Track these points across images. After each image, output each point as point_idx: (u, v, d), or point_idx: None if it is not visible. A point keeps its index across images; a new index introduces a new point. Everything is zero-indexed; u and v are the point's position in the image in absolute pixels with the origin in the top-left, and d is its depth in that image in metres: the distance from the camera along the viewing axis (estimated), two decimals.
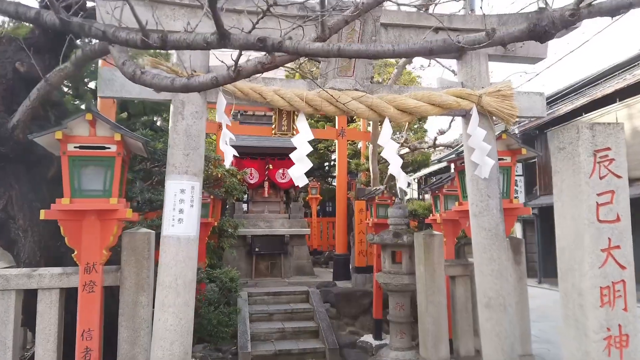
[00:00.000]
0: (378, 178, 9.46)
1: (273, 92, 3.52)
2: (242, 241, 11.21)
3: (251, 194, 12.43)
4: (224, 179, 8.27)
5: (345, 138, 10.19)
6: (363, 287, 8.87)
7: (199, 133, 3.47)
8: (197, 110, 3.47)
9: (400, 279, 6.66)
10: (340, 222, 10.26)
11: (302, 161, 3.48)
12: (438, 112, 3.78)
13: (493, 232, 3.83)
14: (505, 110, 3.80)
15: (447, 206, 5.91)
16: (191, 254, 3.36)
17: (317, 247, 15.91)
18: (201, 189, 3.52)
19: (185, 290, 3.30)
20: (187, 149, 3.41)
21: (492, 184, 3.89)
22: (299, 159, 3.47)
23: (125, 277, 3.89)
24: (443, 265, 5.00)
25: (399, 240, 6.66)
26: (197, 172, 3.44)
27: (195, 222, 3.40)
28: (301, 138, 3.53)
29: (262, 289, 9.30)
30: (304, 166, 3.46)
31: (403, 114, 3.72)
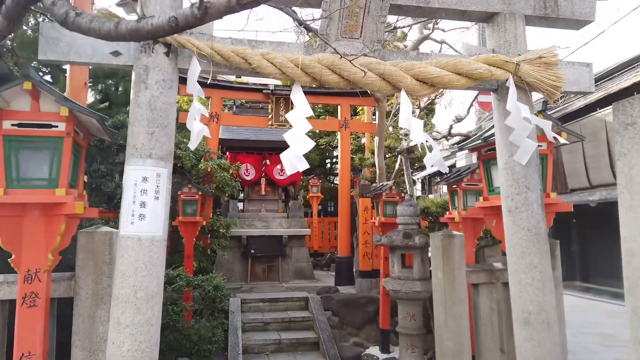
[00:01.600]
0: (385, 173, 8.80)
1: (260, 57, 2.86)
2: (236, 242, 10.57)
3: (247, 192, 11.77)
4: (214, 174, 7.61)
5: (348, 130, 9.52)
6: (368, 293, 8.20)
7: (166, 107, 2.81)
8: (165, 78, 2.82)
9: (411, 285, 6.01)
10: (342, 222, 9.59)
11: (298, 142, 2.82)
12: (465, 84, 3.11)
13: (533, 233, 3.17)
14: (548, 81, 3.14)
15: (466, 203, 5.24)
16: (156, 260, 2.70)
17: (318, 248, 15.26)
18: (171, 177, 2.86)
19: (147, 305, 2.63)
20: (152, 125, 2.75)
21: (532, 173, 3.22)
22: (294, 139, 2.80)
23: (80, 286, 3.25)
24: (465, 272, 4.34)
25: (409, 241, 6.00)
26: (164, 156, 2.78)
27: (161, 219, 2.75)
28: (296, 113, 2.87)
29: (257, 295, 8.65)
30: (300, 148, 2.80)
31: (423, 85, 3.05)
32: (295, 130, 2.86)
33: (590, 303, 10.30)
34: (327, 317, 7.66)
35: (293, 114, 2.88)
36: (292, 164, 2.78)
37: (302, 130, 2.86)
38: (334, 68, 2.92)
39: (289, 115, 2.89)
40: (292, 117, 2.88)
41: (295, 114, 2.88)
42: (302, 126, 2.86)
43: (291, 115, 2.88)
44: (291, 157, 2.81)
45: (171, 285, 4.23)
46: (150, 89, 2.77)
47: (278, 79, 2.94)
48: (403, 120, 3.02)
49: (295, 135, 2.83)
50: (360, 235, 8.50)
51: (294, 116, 2.88)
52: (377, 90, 3.03)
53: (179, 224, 7.01)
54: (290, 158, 2.82)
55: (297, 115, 2.87)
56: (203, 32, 2.93)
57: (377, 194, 7.09)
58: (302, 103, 2.88)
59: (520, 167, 3.20)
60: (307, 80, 2.94)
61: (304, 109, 2.88)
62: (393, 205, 7.12)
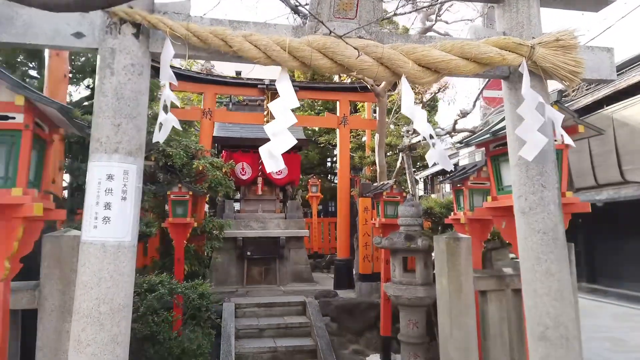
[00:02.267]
0: (385, 172, 8.48)
1: (242, 39, 2.55)
2: (232, 244, 10.27)
3: (243, 192, 11.49)
4: (206, 173, 7.31)
5: (347, 127, 9.21)
6: (368, 298, 7.90)
7: (136, 95, 2.51)
8: (134, 62, 2.51)
9: (413, 290, 5.71)
10: (342, 223, 9.29)
11: (279, 136, 2.51)
12: (473, 70, 2.80)
13: (550, 236, 2.85)
14: (566, 67, 2.82)
15: (472, 203, 4.92)
16: (123, 268, 2.40)
17: (317, 249, 14.97)
18: (141, 174, 2.55)
19: (112, 321, 2.33)
20: (119, 116, 2.45)
21: (549, 170, 2.91)
22: (276, 133, 2.50)
23: (45, 297, 2.96)
24: (472, 278, 4.02)
25: (411, 244, 5.71)
26: (133, 151, 2.48)
27: (129, 222, 2.44)
28: (281, 103, 2.56)
29: (252, 299, 8.35)
30: (279, 144, 2.50)
31: (425, 71, 2.74)
32: (277, 122, 2.55)
33: (597, 305, 10.00)
34: (326, 323, 7.36)
35: (277, 104, 2.57)
36: (270, 161, 2.47)
37: (285, 123, 2.55)
38: (325, 51, 2.61)
39: (272, 105, 2.58)
40: (276, 107, 2.57)
41: (280, 104, 2.57)
42: (285, 119, 2.55)
43: (274, 106, 2.57)
44: (269, 153, 2.51)
45: (152, 293, 3.94)
46: (117, 75, 2.47)
47: (262, 64, 2.63)
48: (405, 109, 2.71)
49: (276, 129, 2.52)
50: (360, 237, 8.19)
51: (277, 107, 2.57)
52: (374, 77, 2.72)
53: (168, 225, 6.72)
54: (268, 154, 2.51)
55: (282, 106, 2.56)
56: (178, 11, 2.63)
57: (377, 193, 6.78)
58: (288, 92, 2.57)
59: (536, 163, 2.88)
60: (295, 66, 2.63)
61: (290, 100, 2.57)
62: (394, 206, 6.82)
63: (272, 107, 2.57)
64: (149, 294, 3.94)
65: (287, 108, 2.53)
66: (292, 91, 2.59)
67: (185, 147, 7.32)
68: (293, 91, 2.60)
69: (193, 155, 7.68)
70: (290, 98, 2.54)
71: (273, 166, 2.50)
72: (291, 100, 2.54)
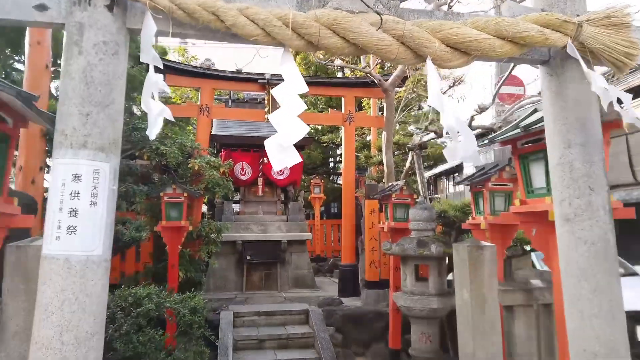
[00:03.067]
0: (393, 172, 8.08)
1: (237, 12, 2.16)
2: (231, 248, 9.89)
3: (243, 193, 11.10)
4: (203, 173, 6.92)
5: (353, 124, 8.80)
6: (375, 307, 7.50)
7: (109, 79, 2.12)
8: (107, 39, 2.12)
9: (426, 301, 5.31)
10: (347, 226, 8.89)
11: (288, 125, 2.14)
12: (508, 53, 2.40)
13: (600, 247, 2.45)
14: (619, 48, 2.42)
15: (493, 206, 4.52)
16: (92, 288, 2.01)
17: (320, 253, 14.59)
18: (117, 174, 2.16)
19: (78, 354, 1.94)
20: (88, 104, 2.06)
21: (597, 170, 2.51)
22: (283, 122, 2.12)
23: (8, 316, 2.58)
24: (496, 291, 3.62)
25: (424, 250, 5.31)
26: (105, 146, 2.09)
27: (101, 233, 2.05)
28: (286, 88, 2.18)
29: (252, 307, 7.96)
30: (289, 134, 2.12)
31: (454, 52, 2.34)
32: (283, 111, 2.17)
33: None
34: (330, 333, 6.96)
35: (281, 89, 2.19)
36: (279, 157, 2.09)
37: (293, 110, 2.17)
38: (336, 28, 2.22)
39: (276, 91, 2.19)
40: (280, 93, 2.18)
41: (285, 89, 2.19)
42: (293, 105, 2.16)
43: (279, 92, 2.18)
44: (277, 147, 2.13)
45: (137, 309, 3.55)
46: (86, 55, 2.08)
47: (261, 43, 2.24)
48: (431, 97, 2.31)
49: (283, 117, 2.14)
50: (367, 241, 7.79)
51: (282, 92, 2.18)
52: (393, 59, 2.32)
53: (161, 229, 6.33)
54: (277, 148, 2.13)
55: (287, 91, 2.18)
56: None
57: (386, 195, 6.38)
58: (294, 75, 2.19)
59: (582, 162, 2.48)
60: (299, 45, 2.23)
61: (296, 83, 2.19)
62: (404, 208, 6.42)
63: (276, 94, 2.18)
64: (134, 309, 3.56)
65: (293, 94, 2.14)
66: (299, 74, 2.20)
67: (181, 145, 6.94)
68: (299, 74, 2.21)
69: (189, 154, 7.30)
70: (296, 81, 2.16)
71: (283, 161, 2.13)
72: (298, 84, 2.15)
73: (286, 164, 2.11)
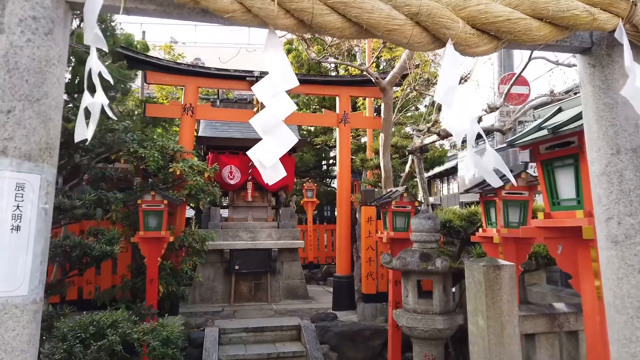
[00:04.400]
0: (391, 177, 7.64)
1: None
2: (218, 257, 9.42)
3: (231, 198, 10.62)
4: (185, 178, 6.45)
5: (348, 126, 8.37)
6: (373, 322, 7.05)
7: (41, 66, 1.66)
8: (37, 14, 1.66)
9: (431, 321, 4.88)
10: (342, 234, 8.44)
11: (274, 132, 1.71)
12: (546, 37, 1.98)
13: None
14: None
15: (507, 217, 4.10)
16: (14, 340, 1.55)
17: (313, 259, 14.15)
18: (51, 189, 1.70)
19: None
20: (9, 98, 1.60)
21: None
22: (268, 128, 1.69)
23: None
24: (517, 318, 3.19)
25: (428, 265, 4.88)
26: (33, 153, 1.63)
27: (27, 266, 1.60)
28: (270, 83, 1.74)
29: (239, 322, 7.48)
30: (278, 143, 1.70)
31: (481, 35, 1.91)
32: (269, 112, 1.73)
33: None
34: (324, 352, 6.51)
35: (265, 84, 1.74)
36: (265, 168, 1.65)
37: (280, 112, 1.73)
38: (334, 3, 1.77)
39: (259, 87, 1.74)
40: (264, 90, 1.73)
41: (269, 84, 1.74)
42: (280, 106, 1.73)
43: (261, 88, 1.73)
44: (263, 157, 1.69)
45: (98, 343, 3.06)
46: (9, 34, 1.62)
47: (238, 22, 1.78)
48: (442, 91, 1.88)
49: (268, 121, 1.70)
50: (363, 252, 7.34)
51: (266, 88, 1.74)
52: (406, 42, 1.88)
53: (139, 240, 5.84)
54: (262, 158, 1.69)
55: (271, 86, 1.73)
56: None
57: (385, 202, 5.94)
58: (281, 65, 1.74)
59: (635, 171, 2.06)
60: (288, 24, 1.78)
61: (284, 76, 1.74)
62: (404, 217, 5.99)
63: (258, 91, 1.73)
64: (94, 342, 3.07)
65: (280, 89, 1.69)
66: (287, 63, 1.75)
67: (162, 148, 6.45)
68: (288, 63, 1.76)
69: (171, 157, 6.81)
70: (284, 73, 1.71)
71: (269, 176, 1.69)
72: (286, 77, 1.70)
73: (273, 178, 1.67)
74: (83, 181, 6.24)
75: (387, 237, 5.92)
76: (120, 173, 6.99)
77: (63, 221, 5.00)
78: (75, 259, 4.48)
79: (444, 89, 1.87)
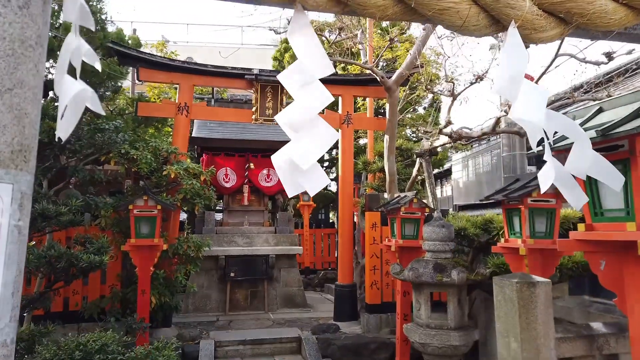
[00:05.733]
0: (396, 181, 7.35)
1: None
2: (213, 263, 9.07)
3: (227, 201, 10.28)
4: (179, 181, 6.11)
5: (351, 127, 8.07)
6: (377, 334, 6.75)
7: (14, 47, 1.34)
8: None
9: (446, 337, 4.58)
10: (344, 241, 8.13)
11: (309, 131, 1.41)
12: (621, 21, 1.72)
13: None
14: None
15: (533, 227, 3.81)
16: None
17: (309, 264, 13.81)
18: (27, 201, 1.38)
19: None
20: None
21: None
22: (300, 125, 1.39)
23: None
24: (553, 341, 2.90)
25: (444, 277, 4.59)
26: (2, 157, 1.31)
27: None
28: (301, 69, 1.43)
29: (236, 334, 7.15)
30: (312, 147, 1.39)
31: (548, 17, 1.63)
32: (301, 105, 1.42)
33: None
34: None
35: (293, 71, 1.44)
36: (294, 179, 1.34)
37: (315, 104, 1.43)
38: None
39: (285, 75, 1.43)
40: (291, 77, 1.42)
41: (298, 71, 1.43)
42: (315, 97, 1.42)
43: (288, 76, 1.43)
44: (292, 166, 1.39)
45: None
46: None
47: (264, 1, 1.47)
48: (503, 82, 1.58)
49: (301, 115, 1.40)
50: (367, 259, 7.04)
51: (294, 76, 1.43)
52: (460, 25, 1.58)
53: (130, 249, 5.49)
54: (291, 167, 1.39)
55: (302, 73, 1.43)
56: None
57: (393, 208, 5.64)
58: (312, 45, 1.43)
59: None
60: (319, 1, 1.47)
61: (317, 60, 1.43)
62: (413, 224, 5.70)
63: (285, 80, 1.42)
64: None
65: (313, 77, 1.39)
66: (319, 46, 1.44)
67: (155, 149, 6.11)
68: (321, 46, 1.45)
69: (165, 159, 6.47)
70: (317, 57, 1.40)
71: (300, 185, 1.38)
72: (320, 62, 1.40)
73: (307, 188, 1.36)
74: (70, 184, 5.89)
75: (395, 246, 5.62)
76: (110, 176, 6.64)
77: (47, 229, 4.64)
78: (61, 270, 4.13)
79: (506, 79, 1.58)
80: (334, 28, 8.64)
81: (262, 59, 18.89)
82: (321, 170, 1.39)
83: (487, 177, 13.64)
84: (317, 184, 1.37)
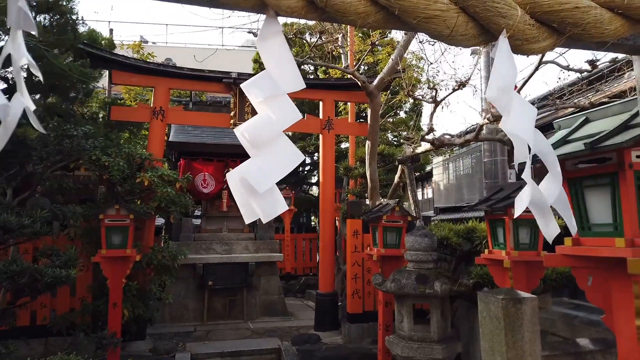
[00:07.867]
0: (378, 188, 7.25)
1: None
2: (190, 271, 8.83)
3: (205, 207, 10.05)
4: (153, 188, 5.89)
5: (332, 132, 7.94)
6: (359, 344, 6.62)
7: None
8: None
9: (429, 350, 4.48)
10: (326, 248, 7.99)
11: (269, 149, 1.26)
12: (616, 32, 1.63)
13: None
14: None
15: (517, 238, 3.73)
16: None
17: (290, 270, 13.63)
18: None
19: None
20: None
21: None
22: (262, 142, 1.24)
23: None
24: (540, 358, 2.81)
25: (427, 288, 4.49)
26: None
27: None
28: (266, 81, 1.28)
29: (213, 345, 6.94)
30: (277, 165, 1.24)
31: (540, 27, 1.53)
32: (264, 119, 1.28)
33: None
34: None
35: (259, 82, 1.29)
36: (249, 202, 1.21)
37: (281, 119, 1.29)
38: None
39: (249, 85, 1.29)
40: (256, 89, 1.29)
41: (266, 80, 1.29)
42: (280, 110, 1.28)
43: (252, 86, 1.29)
44: (248, 188, 1.25)
45: None
46: None
47: (233, 5, 1.33)
48: (494, 90, 1.48)
49: (263, 130, 1.26)
50: (349, 267, 6.91)
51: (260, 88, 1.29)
52: (447, 34, 1.46)
53: (101, 260, 5.26)
54: (247, 188, 1.25)
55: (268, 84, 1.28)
56: None
57: (375, 216, 5.53)
58: (282, 56, 1.29)
59: None
60: (294, 6, 1.34)
61: (287, 73, 1.29)
62: (395, 232, 5.59)
63: (250, 90, 1.28)
64: None
65: (281, 91, 1.25)
66: (291, 58, 1.31)
67: (128, 155, 5.88)
68: (292, 58, 1.31)
69: (139, 165, 6.24)
70: (287, 70, 1.26)
71: (255, 212, 1.25)
72: (290, 75, 1.26)
73: (260, 214, 1.22)
74: (36, 193, 5.62)
75: (377, 255, 5.51)
76: (81, 182, 6.38)
77: (11, 241, 4.39)
78: (24, 285, 3.89)
79: (496, 88, 1.47)
80: (314, 31, 8.51)
81: (242, 61, 18.68)
82: (279, 195, 1.25)
83: (467, 180, 13.70)
84: (273, 210, 1.24)
